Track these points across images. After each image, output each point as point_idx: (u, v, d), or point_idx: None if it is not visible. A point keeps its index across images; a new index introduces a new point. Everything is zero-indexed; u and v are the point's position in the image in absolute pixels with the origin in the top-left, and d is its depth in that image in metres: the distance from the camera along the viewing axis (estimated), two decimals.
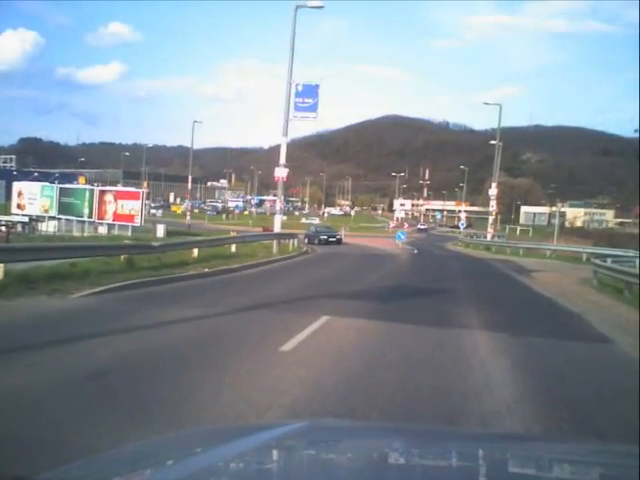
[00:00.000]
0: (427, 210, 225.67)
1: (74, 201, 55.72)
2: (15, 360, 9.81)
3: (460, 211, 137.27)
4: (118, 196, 51.74)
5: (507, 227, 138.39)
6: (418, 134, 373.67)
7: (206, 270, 25.73)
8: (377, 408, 8.39)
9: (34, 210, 60.67)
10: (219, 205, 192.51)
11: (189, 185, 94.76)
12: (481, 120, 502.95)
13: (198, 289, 20.94)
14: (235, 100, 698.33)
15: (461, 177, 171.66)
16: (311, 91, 41.85)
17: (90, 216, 52.77)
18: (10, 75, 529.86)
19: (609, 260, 32.15)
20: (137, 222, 48.59)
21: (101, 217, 51.70)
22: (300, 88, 41.73)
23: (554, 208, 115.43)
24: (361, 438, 3.72)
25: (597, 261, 31.98)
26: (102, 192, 54.23)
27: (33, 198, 61.07)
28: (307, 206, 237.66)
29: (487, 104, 75.30)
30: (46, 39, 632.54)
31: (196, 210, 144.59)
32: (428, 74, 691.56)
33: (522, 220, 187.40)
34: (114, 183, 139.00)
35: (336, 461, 3.15)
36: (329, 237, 63.09)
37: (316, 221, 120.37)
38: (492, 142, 78.19)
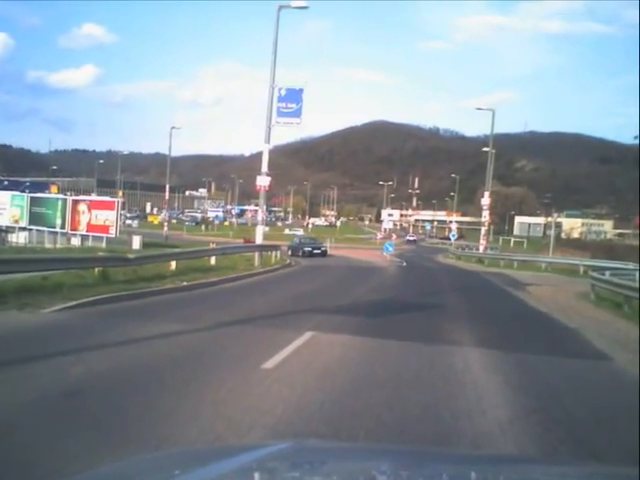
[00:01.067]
0: (416, 221, 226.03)
1: (46, 211, 55.27)
2: None
3: (451, 222, 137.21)
4: (92, 206, 51.34)
5: (500, 238, 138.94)
6: (407, 141, 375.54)
7: (184, 284, 25.70)
8: (364, 428, 8.38)
9: (4, 220, 60.16)
10: (198, 215, 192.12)
11: (166, 194, 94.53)
12: (473, 126, 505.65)
13: (176, 303, 20.91)
14: (215, 105, 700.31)
15: (452, 186, 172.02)
16: (295, 96, 41.83)
17: (63, 227, 52.30)
18: None
19: (607, 273, 32.18)
20: (112, 233, 48.21)
21: (74, 228, 51.28)
22: (283, 92, 41.69)
23: (550, 218, 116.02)
24: (347, 460, 3.73)
25: (595, 274, 32.00)
26: (75, 202, 53.73)
27: (3, 208, 60.52)
28: (290, 216, 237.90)
29: (479, 109, 75.79)
30: (16, 41, 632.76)
31: (174, 221, 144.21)
32: (417, 78, 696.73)
33: (516, 231, 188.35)
34: (88, 192, 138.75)
35: None
36: (313, 249, 63.22)
37: (300, 232, 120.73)
38: (485, 149, 78.48)
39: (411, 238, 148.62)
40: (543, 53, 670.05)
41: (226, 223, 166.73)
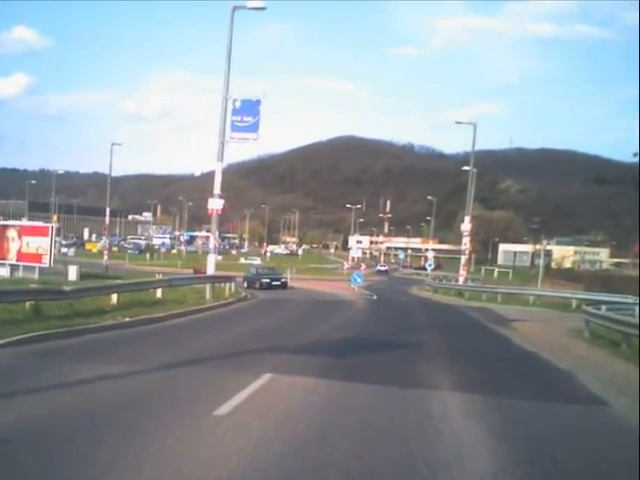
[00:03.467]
0: (388, 248, 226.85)
1: None
2: None
3: (427, 250, 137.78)
4: (23, 232, 50.99)
5: (483, 268, 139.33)
6: (378, 159, 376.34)
7: (127, 319, 25.67)
8: None
9: None
10: (142, 242, 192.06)
11: (107, 219, 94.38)
12: (452, 142, 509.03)
13: (117, 342, 20.86)
14: (161, 119, 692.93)
15: (428, 209, 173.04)
16: (251, 108, 41.89)
17: None
18: None
19: (604, 308, 32.29)
20: (45, 263, 47.92)
21: (2, 257, 50.91)
22: (238, 104, 41.76)
23: (538, 246, 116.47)
24: None
25: (589, 309, 32.08)
26: (4, 227, 53.47)
27: None
28: (247, 244, 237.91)
29: (459, 123, 76.19)
30: None
31: (115, 248, 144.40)
32: (389, 88, 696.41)
33: (500, 260, 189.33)
34: (18, 216, 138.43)
35: None
36: (272, 280, 63.64)
37: (257, 261, 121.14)
38: (465, 168, 78.81)
39: (382, 268, 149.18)
40: (531, 60, 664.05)
41: (174, 251, 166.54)
